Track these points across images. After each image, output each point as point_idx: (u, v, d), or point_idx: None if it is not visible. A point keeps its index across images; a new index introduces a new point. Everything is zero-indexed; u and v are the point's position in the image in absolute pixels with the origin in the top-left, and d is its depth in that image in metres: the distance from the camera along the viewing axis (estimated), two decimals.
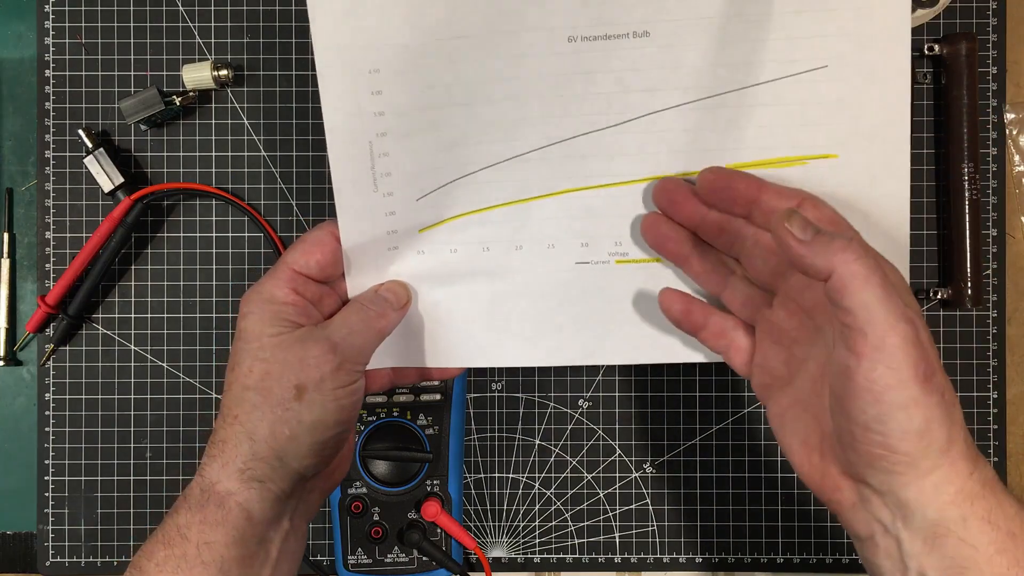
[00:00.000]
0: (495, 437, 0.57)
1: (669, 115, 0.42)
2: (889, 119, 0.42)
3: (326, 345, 0.39)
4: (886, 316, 0.32)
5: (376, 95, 0.41)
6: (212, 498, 0.38)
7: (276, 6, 0.56)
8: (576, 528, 0.57)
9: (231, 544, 0.37)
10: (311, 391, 0.39)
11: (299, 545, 0.42)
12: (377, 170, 0.43)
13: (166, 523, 0.38)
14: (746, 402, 0.56)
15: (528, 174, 0.44)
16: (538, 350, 0.46)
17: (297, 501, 0.41)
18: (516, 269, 0.45)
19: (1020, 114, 0.56)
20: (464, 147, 0.43)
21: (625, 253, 0.45)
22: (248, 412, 0.39)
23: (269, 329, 0.40)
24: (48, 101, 0.56)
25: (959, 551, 0.33)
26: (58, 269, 0.56)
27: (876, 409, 0.33)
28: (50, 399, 0.56)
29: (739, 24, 0.41)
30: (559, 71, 0.42)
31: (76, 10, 0.56)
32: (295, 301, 0.41)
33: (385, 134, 0.42)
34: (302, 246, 0.42)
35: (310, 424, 0.39)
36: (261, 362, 0.39)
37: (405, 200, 0.43)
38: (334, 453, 0.41)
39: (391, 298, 0.43)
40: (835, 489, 0.37)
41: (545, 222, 0.45)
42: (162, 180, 0.56)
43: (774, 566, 0.56)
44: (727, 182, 0.40)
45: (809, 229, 0.35)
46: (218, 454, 0.39)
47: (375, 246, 0.44)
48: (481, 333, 0.46)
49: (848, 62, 0.41)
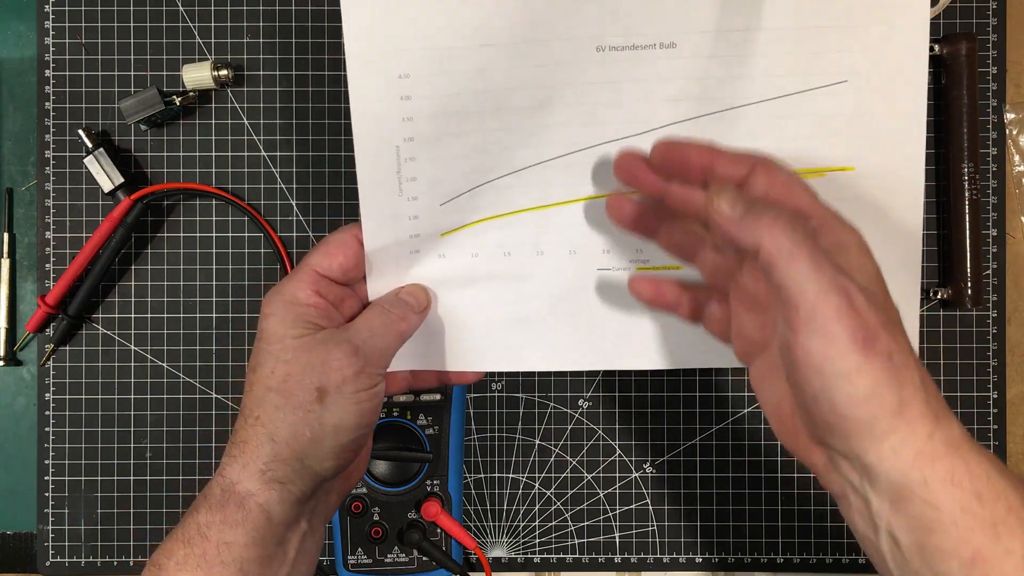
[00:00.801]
0: (495, 437, 0.57)
1: (693, 125, 0.43)
2: (905, 133, 0.43)
3: (348, 348, 0.40)
4: (816, 288, 0.32)
5: (405, 100, 0.42)
6: (232, 498, 0.38)
7: (276, 6, 0.56)
8: (576, 528, 0.57)
9: (250, 544, 0.37)
10: (332, 394, 0.39)
11: (316, 546, 0.42)
12: (403, 174, 0.43)
13: (186, 522, 0.38)
14: (746, 402, 0.57)
15: (552, 180, 0.44)
16: (558, 356, 0.46)
17: (316, 502, 0.41)
18: (537, 275, 0.45)
19: (1020, 114, 0.56)
20: (489, 153, 0.43)
21: (647, 260, 0.45)
22: (270, 413, 0.39)
23: (291, 331, 0.40)
24: (48, 101, 0.56)
25: (923, 512, 0.33)
26: (58, 269, 0.56)
27: (819, 380, 0.33)
28: (50, 399, 0.56)
29: (763, 38, 0.41)
30: (586, 80, 0.42)
31: (76, 10, 0.56)
32: (317, 303, 0.41)
33: (412, 139, 0.42)
34: (325, 248, 0.43)
35: (331, 427, 0.39)
36: (283, 364, 0.39)
37: (429, 205, 0.44)
38: (354, 455, 0.41)
39: (412, 301, 0.44)
40: (808, 452, 0.37)
41: (567, 228, 0.45)
42: (162, 180, 0.56)
43: (774, 566, 0.56)
44: (680, 152, 0.40)
45: (739, 205, 0.35)
46: (239, 454, 0.39)
47: (397, 249, 0.44)
48: (501, 338, 0.46)
49: (867, 77, 0.42)
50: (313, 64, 0.56)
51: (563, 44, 0.41)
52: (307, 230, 0.56)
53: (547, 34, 0.41)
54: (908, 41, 0.41)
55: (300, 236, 0.56)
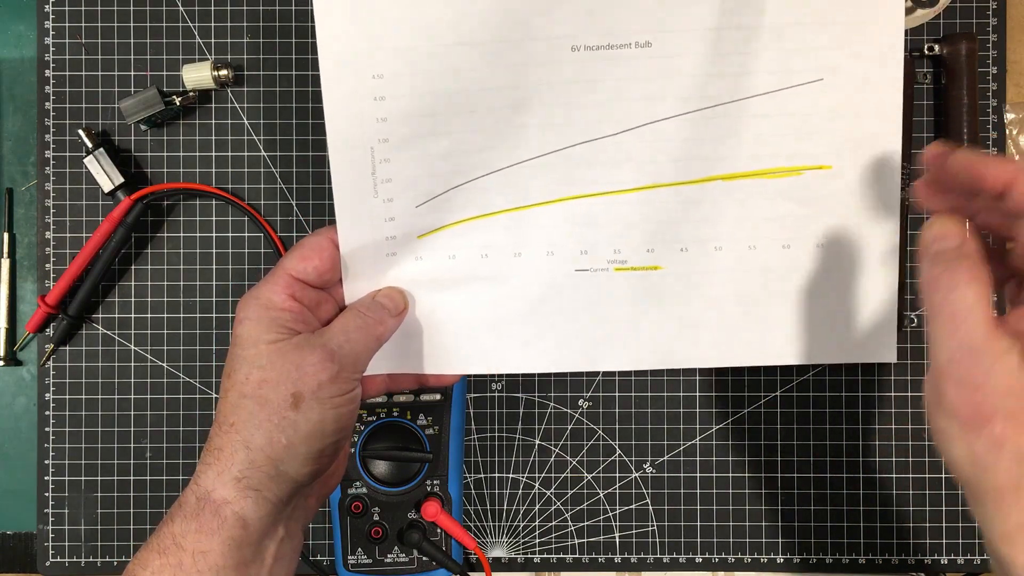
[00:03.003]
0: (495, 437, 0.57)
1: (669, 124, 0.43)
2: (882, 129, 0.43)
3: (324, 353, 0.39)
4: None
5: (379, 101, 0.42)
6: (208, 506, 0.38)
7: (276, 6, 0.56)
8: (576, 528, 0.57)
9: (226, 552, 0.37)
10: (308, 399, 0.38)
11: (295, 550, 0.42)
12: (378, 176, 0.43)
13: (161, 531, 0.38)
14: (746, 402, 0.57)
15: (528, 181, 0.44)
16: (537, 356, 0.46)
17: (293, 508, 0.41)
18: (515, 276, 0.45)
19: (1020, 114, 0.56)
20: (465, 154, 0.43)
21: (624, 261, 0.45)
22: (244, 420, 0.38)
23: (266, 336, 0.39)
24: (48, 101, 0.56)
25: None
26: (58, 269, 0.56)
27: None
28: (50, 399, 0.56)
29: (738, 36, 0.41)
30: (562, 80, 0.42)
31: (76, 10, 0.56)
32: (292, 307, 0.41)
33: (387, 140, 0.42)
34: (300, 251, 0.42)
35: (307, 432, 0.38)
36: (258, 369, 0.39)
37: (405, 206, 0.43)
38: (331, 460, 0.41)
39: (388, 304, 0.43)
40: None
41: (544, 229, 0.45)
42: (162, 180, 0.56)
43: (774, 566, 0.56)
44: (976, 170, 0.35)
45: None
46: (214, 462, 0.38)
47: (373, 252, 0.44)
48: (479, 339, 0.46)
49: (843, 74, 0.42)
50: (313, 64, 0.56)
51: (537, 44, 0.41)
52: (307, 230, 0.56)
53: (521, 34, 0.41)
54: (884, 38, 0.41)
55: (300, 236, 0.56)
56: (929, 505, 0.56)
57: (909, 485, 0.56)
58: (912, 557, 0.56)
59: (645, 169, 0.43)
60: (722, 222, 0.44)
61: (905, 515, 0.56)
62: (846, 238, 0.44)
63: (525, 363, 0.46)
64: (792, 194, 0.44)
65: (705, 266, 0.45)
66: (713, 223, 0.44)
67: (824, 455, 0.56)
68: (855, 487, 0.56)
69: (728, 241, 0.45)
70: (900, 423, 0.56)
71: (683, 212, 0.44)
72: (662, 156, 0.43)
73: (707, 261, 0.45)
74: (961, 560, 0.56)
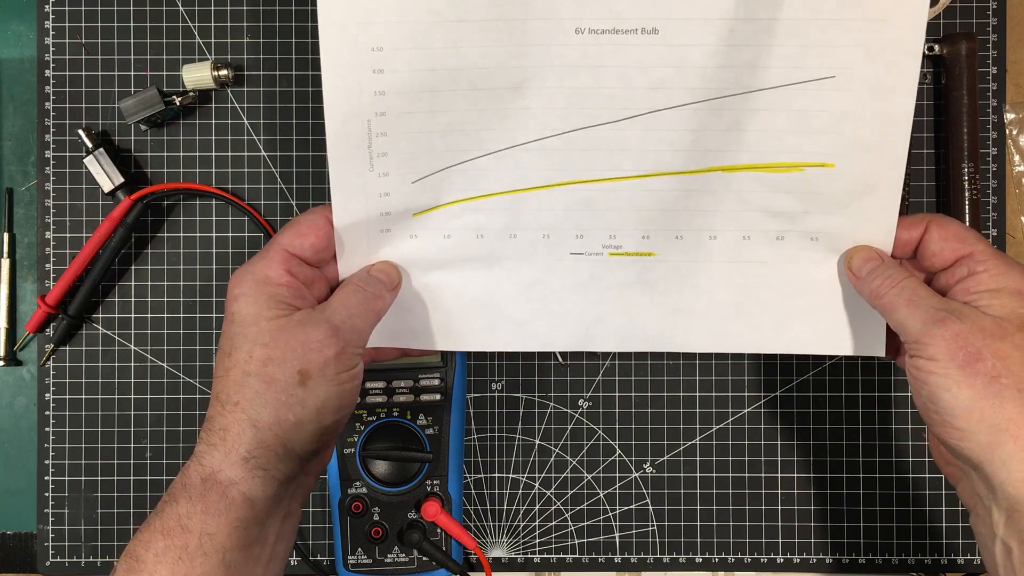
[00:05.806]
0: (495, 437, 0.57)
1: (672, 114, 0.42)
2: (889, 133, 0.42)
3: (328, 329, 0.39)
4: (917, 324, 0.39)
5: (377, 74, 0.41)
6: (215, 487, 0.37)
7: (276, 6, 0.56)
8: (576, 528, 0.57)
9: (233, 533, 0.37)
10: (316, 376, 0.38)
11: (294, 527, 0.42)
12: (374, 149, 0.43)
13: (164, 511, 0.38)
14: (746, 402, 0.57)
15: (526, 164, 0.44)
16: (530, 336, 0.46)
17: (296, 485, 0.41)
18: (509, 257, 0.45)
19: (1020, 114, 0.56)
20: (463, 133, 0.43)
21: (619, 246, 0.45)
22: (250, 399, 0.38)
23: (266, 312, 0.39)
24: (48, 101, 0.56)
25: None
26: (58, 269, 0.56)
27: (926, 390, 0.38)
28: (50, 399, 0.56)
29: (749, 27, 0.40)
30: (564, 63, 0.41)
31: (76, 10, 0.56)
32: (289, 282, 0.40)
33: (384, 114, 0.42)
34: (296, 228, 0.42)
35: (315, 409, 0.38)
36: (261, 347, 0.38)
37: (400, 182, 0.43)
38: (334, 437, 0.41)
39: (384, 279, 0.43)
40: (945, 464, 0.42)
41: (541, 212, 0.45)
42: (162, 180, 0.56)
43: (774, 566, 0.56)
44: None
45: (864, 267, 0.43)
46: (219, 442, 0.38)
47: (368, 227, 0.44)
48: (473, 318, 0.46)
49: (855, 74, 0.41)
50: (313, 64, 0.56)
51: (540, 24, 0.41)
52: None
53: (524, 12, 0.40)
54: (902, 40, 0.40)
55: None
56: (929, 505, 0.56)
57: (909, 485, 0.56)
58: (912, 557, 0.56)
59: (646, 157, 0.43)
60: (719, 212, 0.44)
61: (905, 515, 0.56)
62: (840, 234, 0.44)
63: (518, 342, 0.46)
64: (791, 188, 0.43)
65: (699, 254, 0.45)
66: (710, 213, 0.44)
67: (824, 455, 0.56)
68: (855, 487, 0.56)
69: (723, 231, 0.45)
70: (900, 423, 0.56)
71: (681, 201, 0.44)
72: (664, 145, 0.43)
73: (701, 249, 0.45)
74: (961, 560, 0.56)
